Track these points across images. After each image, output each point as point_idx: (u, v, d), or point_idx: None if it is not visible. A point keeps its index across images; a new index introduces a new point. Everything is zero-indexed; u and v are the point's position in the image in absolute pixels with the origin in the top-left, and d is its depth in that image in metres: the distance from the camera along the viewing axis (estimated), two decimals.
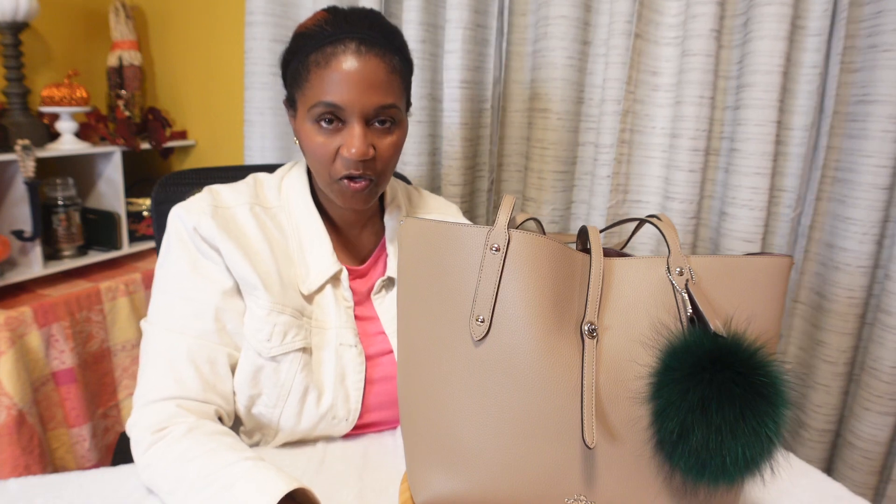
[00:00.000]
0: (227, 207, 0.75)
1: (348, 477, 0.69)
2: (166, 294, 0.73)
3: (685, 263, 0.58)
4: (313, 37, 0.71)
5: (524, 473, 0.56)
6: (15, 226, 1.37)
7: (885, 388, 1.25)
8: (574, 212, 1.41)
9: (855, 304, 1.28)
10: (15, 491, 0.64)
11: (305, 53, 0.71)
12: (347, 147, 0.70)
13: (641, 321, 0.57)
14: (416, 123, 1.35)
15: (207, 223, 0.72)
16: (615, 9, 1.23)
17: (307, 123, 0.72)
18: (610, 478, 0.57)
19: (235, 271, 0.73)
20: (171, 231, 0.74)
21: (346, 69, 0.69)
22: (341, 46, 0.69)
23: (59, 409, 1.33)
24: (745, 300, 0.58)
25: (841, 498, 0.70)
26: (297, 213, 0.79)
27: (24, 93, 1.44)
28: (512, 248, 0.56)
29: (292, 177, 0.82)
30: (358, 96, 0.69)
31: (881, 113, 1.20)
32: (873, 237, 1.24)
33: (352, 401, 0.77)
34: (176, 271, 0.73)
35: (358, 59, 0.69)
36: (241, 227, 0.74)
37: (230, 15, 1.68)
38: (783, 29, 1.17)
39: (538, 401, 0.56)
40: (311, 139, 0.72)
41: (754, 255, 0.60)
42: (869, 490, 1.31)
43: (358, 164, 0.71)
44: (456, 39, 1.28)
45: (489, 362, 0.56)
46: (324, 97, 0.69)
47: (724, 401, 0.51)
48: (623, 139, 1.29)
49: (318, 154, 0.72)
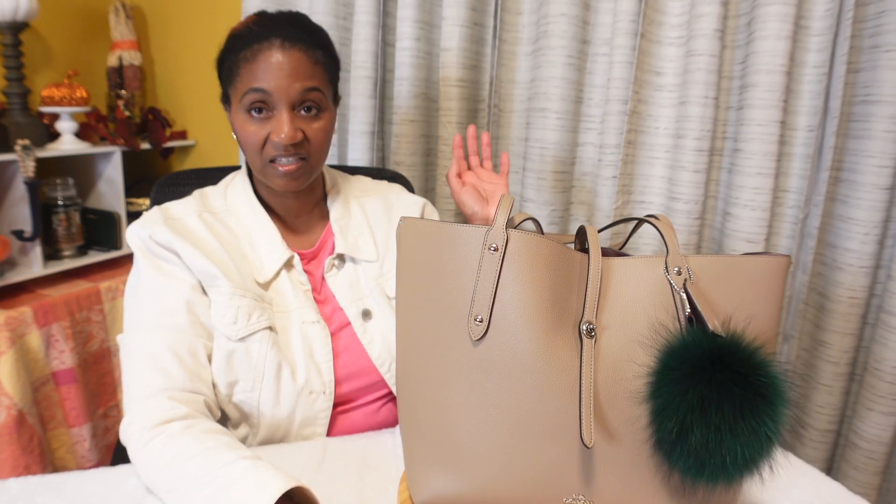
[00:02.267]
0: (176, 218, 0.80)
1: (348, 477, 0.69)
2: (138, 301, 0.77)
3: (683, 263, 0.58)
4: (242, 37, 0.77)
5: (522, 472, 0.56)
6: (15, 226, 1.37)
7: (888, 389, 1.25)
8: (573, 213, 1.40)
9: (857, 304, 1.27)
10: (15, 491, 0.64)
11: (236, 52, 0.77)
12: (277, 132, 0.76)
13: (640, 321, 0.57)
14: (410, 123, 1.34)
15: (161, 230, 0.77)
16: (619, 8, 1.23)
17: (240, 114, 0.78)
18: (608, 477, 0.57)
19: (195, 268, 0.76)
20: (132, 248, 0.79)
21: (272, 61, 0.75)
22: (266, 43, 0.76)
23: (59, 409, 1.33)
24: (744, 300, 0.58)
25: (840, 497, 0.70)
26: (243, 213, 0.84)
27: (24, 93, 1.44)
28: (510, 248, 0.56)
29: (235, 182, 0.87)
30: (283, 82, 0.75)
31: (884, 113, 1.19)
32: (875, 237, 1.24)
33: (324, 373, 0.79)
34: (142, 278, 0.77)
35: (282, 53, 0.75)
36: (193, 231, 0.79)
37: (230, 15, 1.68)
38: (786, 29, 1.16)
39: (537, 400, 0.55)
40: (243, 128, 0.77)
41: (752, 255, 0.59)
42: (872, 490, 1.30)
43: (288, 147, 0.76)
44: (453, 37, 1.28)
45: (488, 362, 0.56)
46: (253, 84, 0.75)
47: (724, 400, 0.51)
48: (628, 140, 1.29)
49: (250, 141, 0.77)
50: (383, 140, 1.43)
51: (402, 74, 1.31)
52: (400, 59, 1.31)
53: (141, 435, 0.66)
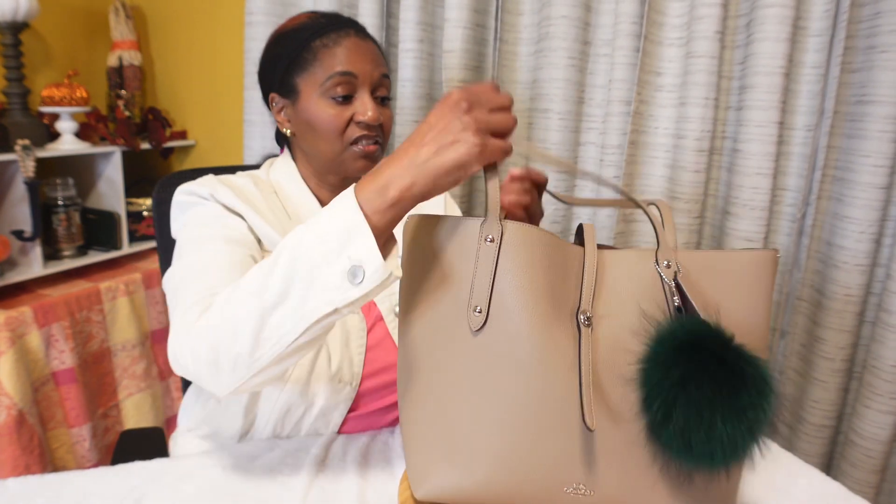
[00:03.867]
0: (237, 186, 0.79)
1: (349, 475, 0.69)
2: (199, 226, 0.73)
3: (672, 256, 0.60)
4: (311, 28, 0.80)
5: (523, 464, 0.57)
6: (15, 226, 1.36)
7: (886, 387, 1.26)
8: (576, 212, 1.41)
9: (852, 301, 1.28)
10: (15, 491, 0.64)
11: (307, 41, 0.79)
12: (363, 112, 0.78)
13: (632, 311, 0.59)
14: (413, 124, 1.35)
15: (224, 191, 0.76)
16: (620, 9, 1.24)
17: (318, 100, 0.79)
18: (608, 467, 0.58)
19: (260, 232, 0.76)
20: (184, 201, 0.76)
21: (353, 46, 0.78)
22: (343, 31, 0.79)
23: (59, 409, 1.33)
24: (733, 293, 0.60)
25: (839, 497, 0.70)
26: (291, 193, 0.84)
27: (24, 93, 1.44)
28: (506, 239, 0.56)
29: (277, 167, 0.87)
30: (367, 66, 0.78)
31: (879, 113, 1.20)
32: (871, 236, 1.25)
33: (355, 364, 0.79)
34: (206, 213, 0.74)
35: (359, 40, 0.79)
36: (254, 199, 0.79)
37: (230, 15, 1.68)
38: (785, 31, 1.17)
39: (536, 389, 0.56)
40: (323, 112, 0.78)
41: (740, 250, 0.61)
42: (870, 488, 1.31)
43: (373, 127, 0.79)
44: (455, 39, 1.28)
45: (487, 352, 0.57)
46: (338, 67, 0.77)
47: (703, 378, 0.52)
48: (631, 140, 1.30)
49: (333, 124, 0.78)
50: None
51: (405, 76, 1.32)
52: (403, 61, 1.31)
53: (192, 313, 0.61)
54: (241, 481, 0.67)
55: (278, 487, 0.66)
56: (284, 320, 0.55)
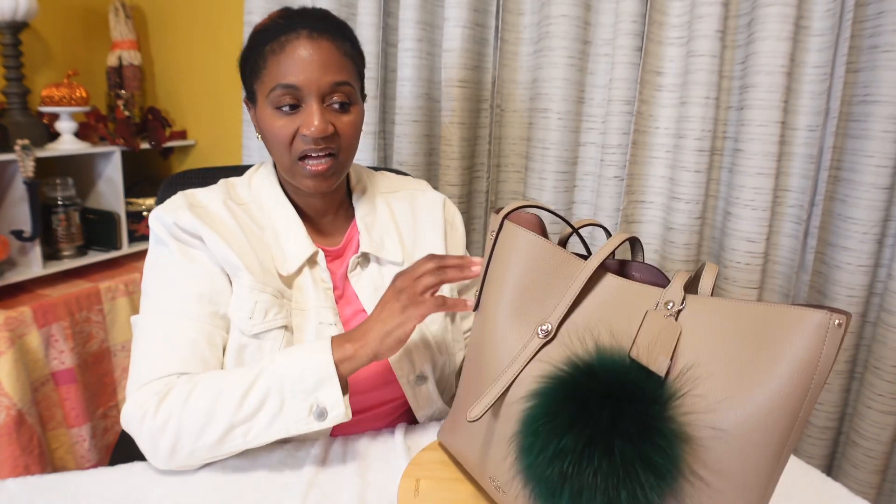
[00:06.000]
0: (201, 205, 0.78)
1: (349, 475, 0.69)
2: (160, 283, 0.75)
3: (678, 297, 0.51)
4: (268, 31, 0.75)
5: (477, 443, 0.63)
6: (14, 226, 1.36)
7: (887, 388, 1.25)
8: (576, 212, 1.40)
9: (855, 302, 1.28)
10: (14, 491, 0.64)
11: (261, 46, 0.75)
12: (307, 125, 0.73)
13: (597, 340, 0.54)
14: (413, 123, 1.35)
15: (186, 215, 0.74)
16: (621, 8, 1.23)
17: (267, 110, 0.75)
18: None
19: (219, 256, 0.74)
20: (154, 233, 0.77)
21: (299, 53, 0.72)
22: (294, 34, 0.73)
23: (59, 410, 1.33)
24: (739, 356, 0.47)
25: (841, 498, 0.70)
26: (268, 205, 0.82)
27: (24, 93, 1.44)
28: (500, 235, 0.65)
29: (260, 174, 0.85)
30: (313, 75, 0.72)
31: (882, 113, 1.20)
32: (874, 237, 1.24)
33: None
34: (166, 263, 0.75)
35: (310, 43, 0.73)
36: (218, 219, 0.77)
37: (230, 15, 1.68)
38: (786, 29, 1.17)
39: (481, 378, 0.62)
40: (271, 124, 0.75)
41: (783, 306, 0.47)
42: (872, 489, 1.31)
43: (318, 140, 0.73)
44: (455, 38, 1.28)
45: (475, 333, 0.67)
46: (280, 80, 0.73)
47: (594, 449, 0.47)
48: (632, 140, 1.29)
49: (279, 137, 0.74)
50: (386, 140, 1.44)
51: (404, 75, 1.32)
52: (402, 60, 1.31)
53: (150, 402, 0.67)
54: (241, 481, 0.67)
55: (278, 487, 0.66)
56: (249, 432, 0.66)
